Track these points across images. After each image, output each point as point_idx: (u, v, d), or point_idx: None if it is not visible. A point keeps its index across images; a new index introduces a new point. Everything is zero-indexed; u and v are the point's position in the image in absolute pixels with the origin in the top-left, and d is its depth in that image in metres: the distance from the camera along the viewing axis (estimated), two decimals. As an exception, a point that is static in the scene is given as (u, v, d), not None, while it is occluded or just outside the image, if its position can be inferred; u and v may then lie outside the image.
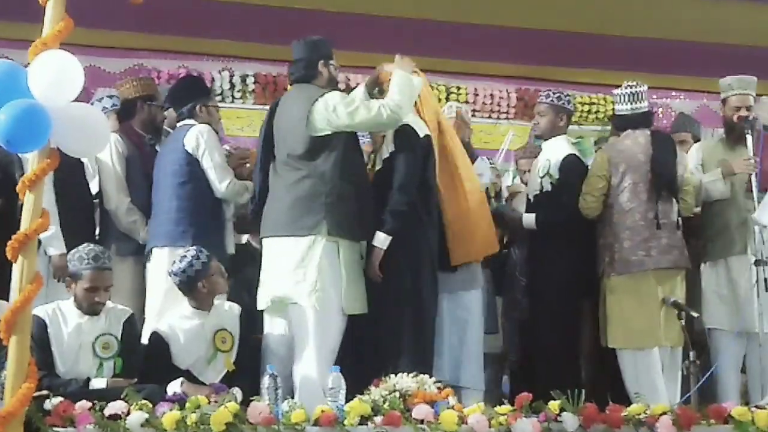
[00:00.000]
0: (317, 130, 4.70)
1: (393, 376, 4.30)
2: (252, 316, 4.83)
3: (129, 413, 3.81)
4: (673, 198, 5.28)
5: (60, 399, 3.87)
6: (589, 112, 8.21)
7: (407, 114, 4.86)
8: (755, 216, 5.20)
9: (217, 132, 5.34)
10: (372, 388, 4.22)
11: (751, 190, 5.27)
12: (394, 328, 4.77)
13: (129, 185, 5.25)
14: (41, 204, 3.58)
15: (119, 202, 5.20)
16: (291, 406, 3.98)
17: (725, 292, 5.41)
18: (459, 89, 7.98)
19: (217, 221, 5.12)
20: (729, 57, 6.93)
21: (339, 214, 4.66)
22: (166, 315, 4.75)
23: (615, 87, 5.54)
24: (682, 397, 4.91)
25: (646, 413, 4.34)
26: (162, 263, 4.89)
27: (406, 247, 4.80)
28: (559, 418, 4.23)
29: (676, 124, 6.57)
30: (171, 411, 3.84)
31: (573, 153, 5.47)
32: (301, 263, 4.63)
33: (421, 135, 4.92)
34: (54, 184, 4.64)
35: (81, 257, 4.41)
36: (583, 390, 4.33)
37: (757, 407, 4.57)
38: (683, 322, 4.87)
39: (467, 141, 5.50)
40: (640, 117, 5.37)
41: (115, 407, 3.82)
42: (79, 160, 4.93)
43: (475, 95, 8.08)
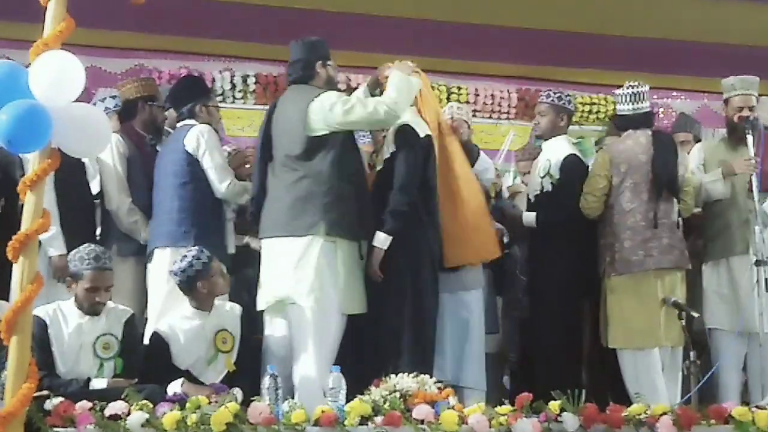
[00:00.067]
0: (314, 130, 4.70)
1: (393, 376, 4.29)
2: (253, 316, 4.83)
3: (129, 413, 3.81)
4: (674, 198, 5.28)
5: (60, 399, 3.87)
6: (590, 112, 8.20)
7: (404, 111, 4.85)
8: (765, 206, 5.20)
9: (218, 132, 5.34)
10: (372, 388, 4.22)
11: (752, 190, 5.27)
12: (394, 328, 4.78)
13: (130, 185, 5.25)
14: (42, 204, 3.58)
15: (120, 202, 5.20)
16: (291, 406, 3.98)
17: (726, 292, 5.41)
18: (460, 89, 7.97)
19: (218, 221, 5.13)
20: (730, 57, 6.93)
21: (337, 214, 4.66)
22: (167, 315, 4.75)
23: (616, 87, 5.54)
24: (682, 398, 4.91)
25: (646, 413, 4.35)
26: (164, 264, 4.90)
27: (406, 248, 4.80)
28: (560, 418, 4.24)
29: (676, 124, 6.56)
30: (171, 411, 3.85)
31: (573, 153, 5.46)
32: (299, 263, 4.63)
33: (422, 135, 4.91)
34: (55, 184, 4.63)
35: (82, 257, 4.41)
36: (584, 390, 4.34)
37: (758, 407, 4.57)
38: (683, 322, 4.88)
39: (467, 140, 5.47)
40: (641, 117, 5.36)
41: (116, 407, 3.82)
42: (80, 160, 4.93)
43: (476, 95, 8.06)
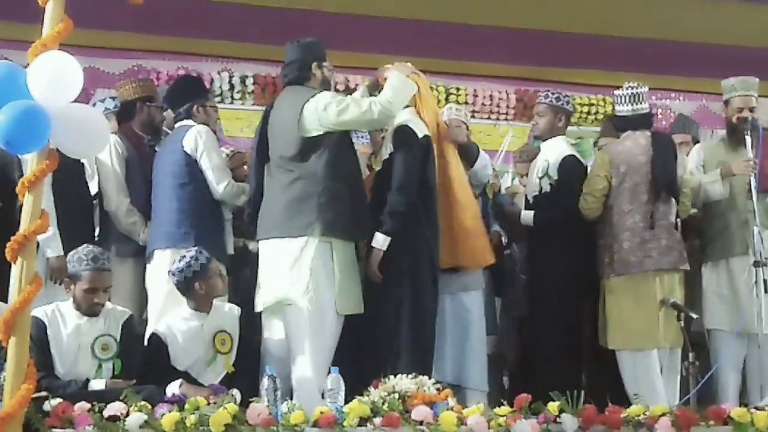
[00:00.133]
0: (308, 130, 4.69)
1: (392, 377, 4.29)
2: (251, 317, 4.82)
3: (128, 414, 3.80)
4: (673, 199, 5.28)
5: (59, 400, 3.87)
6: (589, 113, 8.20)
7: (399, 112, 4.85)
8: None
9: (216, 133, 5.34)
10: (371, 389, 4.22)
11: (752, 191, 5.26)
12: (393, 328, 4.78)
13: (128, 186, 5.24)
14: (40, 205, 3.58)
15: (119, 203, 5.20)
16: (290, 407, 3.98)
17: (726, 293, 5.40)
18: (458, 90, 7.97)
19: (218, 222, 5.12)
20: (728, 58, 6.92)
21: (332, 214, 4.65)
22: (166, 316, 4.74)
23: (614, 88, 5.54)
24: (681, 399, 4.91)
25: (645, 414, 4.34)
26: (164, 265, 4.87)
27: (405, 248, 4.80)
28: (559, 419, 4.23)
29: (675, 125, 6.56)
30: (170, 412, 3.84)
31: (572, 153, 5.46)
32: (295, 264, 4.62)
33: (420, 135, 4.91)
34: (53, 185, 4.63)
35: (80, 258, 4.41)
36: (582, 391, 4.34)
37: (757, 408, 4.57)
38: (682, 323, 4.88)
39: (466, 141, 5.46)
40: (640, 118, 5.36)
41: (114, 408, 3.82)
42: (79, 161, 4.92)
43: (475, 96, 8.06)
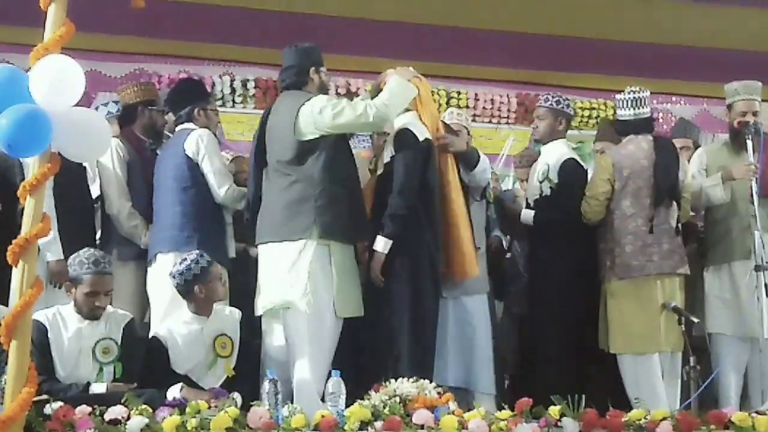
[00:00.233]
0: (304, 134, 4.70)
1: (393, 380, 4.29)
2: (252, 321, 4.82)
3: (129, 418, 3.81)
4: (675, 204, 5.28)
5: (60, 404, 3.88)
6: (590, 117, 8.20)
7: (395, 115, 4.87)
8: None
9: (216, 136, 5.33)
10: (372, 392, 4.22)
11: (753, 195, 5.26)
12: (393, 331, 4.77)
13: (130, 190, 5.24)
14: (42, 208, 3.58)
15: (121, 206, 5.19)
16: (291, 411, 3.98)
17: (728, 296, 5.39)
18: (459, 94, 7.98)
19: (220, 225, 5.12)
20: (729, 62, 6.93)
21: (330, 217, 4.65)
22: (167, 319, 4.74)
23: (615, 92, 5.54)
24: (681, 403, 4.90)
25: (646, 419, 4.35)
26: (167, 269, 4.83)
27: (405, 251, 4.80)
28: (560, 423, 4.24)
29: (676, 129, 6.55)
30: (171, 416, 3.84)
31: (572, 157, 5.45)
32: (293, 267, 4.62)
33: (421, 139, 4.91)
34: (54, 188, 4.62)
35: (81, 262, 4.40)
36: (583, 395, 4.33)
37: (758, 413, 4.57)
38: (683, 327, 4.87)
39: (467, 145, 5.46)
40: (642, 122, 5.35)
41: (115, 412, 3.83)
42: (80, 164, 4.93)
43: (476, 100, 8.07)
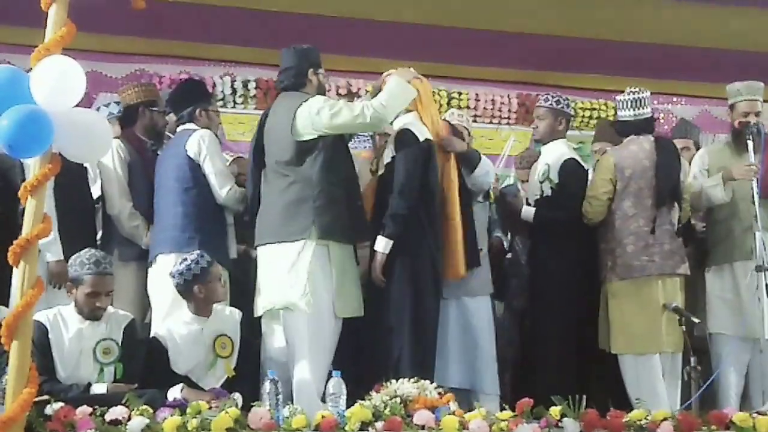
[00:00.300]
0: (301, 135, 4.71)
1: (394, 381, 4.29)
2: (253, 321, 4.82)
3: (130, 418, 3.81)
4: (676, 204, 5.28)
5: (61, 404, 3.88)
6: (591, 117, 8.18)
7: (393, 116, 4.88)
8: None
9: (217, 136, 5.34)
10: (373, 393, 4.22)
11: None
12: (394, 332, 4.78)
13: (131, 190, 5.24)
14: (43, 209, 3.59)
15: (122, 207, 5.19)
16: (292, 411, 3.98)
17: (730, 297, 5.38)
18: (460, 94, 7.97)
19: (221, 226, 5.12)
20: (730, 63, 6.93)
21: (328, 217, 4.66)
22: (167, 320, 4.74)
23: (616, 92, 5.54)
24: (682, 403, 4.90)
25: (647, 419, 4.34)
26: (168, 270, 4.82)
27: (406, 251, 4.80)
28: (560, 423, 4.23)
29: (677, 130, 6.55)
30: (172, 416, 3.84)
31: (572, 157, 5.45)
32: (292, 268, 4.63)
33: (422, 139, 4.92)
34: (55, 189, 4.62)
35: (82, 262, 4.40)
36: (584, 395, 4.34)
37: (759, 413, 4.57)
38: (684, 327, 4.87)
39: (467, 146, 5.46)
40: (642, 123, 5.35)
41: (116, 412, 3.83)
42: (81, 165, 4.93)
43: (477, 100, 8.05)
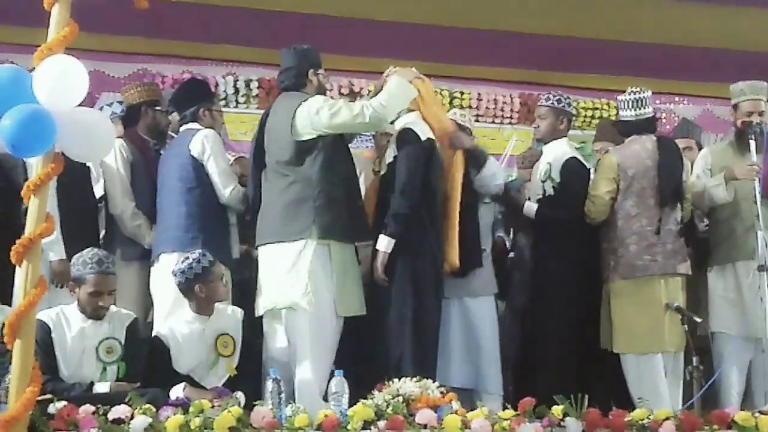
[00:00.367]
0: (301, 134, 4.71)
1: (396, 380, 4.30)
2: (255, 320, 4.82)
3: (132, 417, 3.82)
4: (678, 204, 5.28)
5: (64, 403, 3.88)
6: (593, 117, 8.19)
7: (393, 115, 4.89)
8: None
9: (220, 136, 5.34)
10: (375, 392, 4.22)
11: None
12: (395, 331, 4.78)
13: (134, 190, 5.24)
14: (46, 208, 3.59)
15: (124, 206, 5.20)
16: (294, 410, 3.98)
17: (733, 296, 5.37)
18: (462, 94, 7.97)
19: (223, 226, 5.12)
20: (732, 62, 6.93)
21: (329, 216, 4.67)
22: (169, 319, 4.75)
23: (618, 92, 5.54)
24: (684, 402, 4.90)
25: (649, 418, 4.34)
26: (171, 269, 4.82)
27: (408, 251, 4.81)
28: (563, 423, 4.24)
29: (679, 129, 6.55)
30: (174, 415, 3.84)
31: (574, 156, 5.45)
32: (293, 267, 4.64)
33: (423, 138, 4.92)
34: (58, 188, 4.62)
35: (85, 261, 4.40)
36: (586, 395, 4.34)
37: (761, 413, 4.56)
38: (686, 327, 4.87)
39: (474, 145, 5.46)
40: (644, 123, 5.35)
41: (119, 411, 3.83)
42: (84, 164, 4.93)
43: (479, 100, 8.06)
